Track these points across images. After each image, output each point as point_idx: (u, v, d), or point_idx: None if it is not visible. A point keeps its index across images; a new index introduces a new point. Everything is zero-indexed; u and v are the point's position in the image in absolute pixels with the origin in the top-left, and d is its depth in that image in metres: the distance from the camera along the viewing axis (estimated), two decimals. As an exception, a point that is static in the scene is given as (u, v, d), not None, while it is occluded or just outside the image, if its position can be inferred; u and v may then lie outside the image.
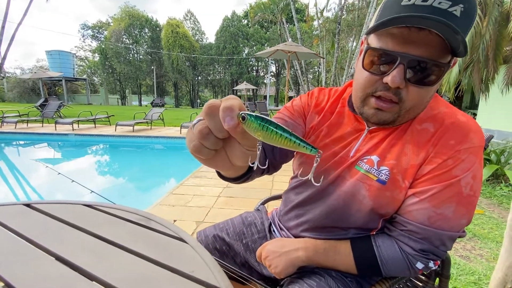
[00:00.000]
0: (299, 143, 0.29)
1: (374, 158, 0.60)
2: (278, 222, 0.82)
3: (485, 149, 0.81)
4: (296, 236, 0.73)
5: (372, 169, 0.59)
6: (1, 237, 0.54)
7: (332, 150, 0.66)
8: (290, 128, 0.68)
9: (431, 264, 0.57)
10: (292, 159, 0.75)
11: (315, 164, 0.32)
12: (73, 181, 1.17)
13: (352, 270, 0.62)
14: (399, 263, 0.58)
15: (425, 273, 0.80)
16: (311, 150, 0.30)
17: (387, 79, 0.50)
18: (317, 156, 0.31)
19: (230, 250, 0.82)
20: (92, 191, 1.13)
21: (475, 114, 7.74)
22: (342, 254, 0.62)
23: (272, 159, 0.68)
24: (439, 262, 0.59)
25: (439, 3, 0.44)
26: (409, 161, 0.56)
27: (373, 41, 0.52)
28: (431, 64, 0.48)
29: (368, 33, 0.52)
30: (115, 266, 0.44)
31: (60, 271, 0.43)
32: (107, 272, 0.43)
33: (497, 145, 4.17)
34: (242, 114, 0.28)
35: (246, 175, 0.51)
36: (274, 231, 0.82)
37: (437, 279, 0.77)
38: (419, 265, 0.57)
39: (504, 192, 3.11)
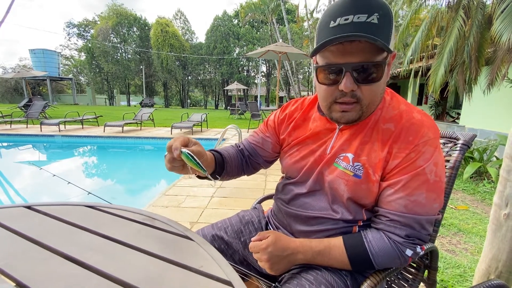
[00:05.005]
0: (200, 167, 0.62)
1: (349, 155, 0.67)
2: (274, 221, 0.85)
3: (468, 147, 0.90)
4: (291, 231, 0.77)
5: (349, 165, 0.67)
6: (4, 238, 0.54)
7: (310, 148, 0.75)
8: (259, 141, 0.88)
9: (418, 249, 0.63)
10: (280, 160, 0.86)
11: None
12: (69, 183, 1.15)
13: (346, 267, 0.66)
14: (389, 253, 0.62)
15: (414, 265, 0.84)
16: (204, 171, 0.63)
17: (341, 86, 0.59)
18: (207, 175, 0.68)
19: (229, 248, 0.85)
20: (89, 193, 1.11)
21: (459, 114, 8.00)
22: (336, 254, 0.66)
23: (254, 160, 0.87)
24: (425, 247, 0.64)
25: (358, 17, 0.54)
26: (377, 156, 0.64)
27: (319, 59, 0.63)
28: (370, 65, 0.58)
29: (312, 55, 0.63)
30: (126, 264, 0.45)
31: (71, 270, 0.44)
32: (119, 270, 0.44)
33: (480, 144, 4.34)
34: (181, 150, 0.60)
35: (216, 173, 0.76)
36: (270, 229, 0.85)
37: (426, 272, 0.82)
38: (409, 252, 0.62)
39: (487, 189, 3.25)
